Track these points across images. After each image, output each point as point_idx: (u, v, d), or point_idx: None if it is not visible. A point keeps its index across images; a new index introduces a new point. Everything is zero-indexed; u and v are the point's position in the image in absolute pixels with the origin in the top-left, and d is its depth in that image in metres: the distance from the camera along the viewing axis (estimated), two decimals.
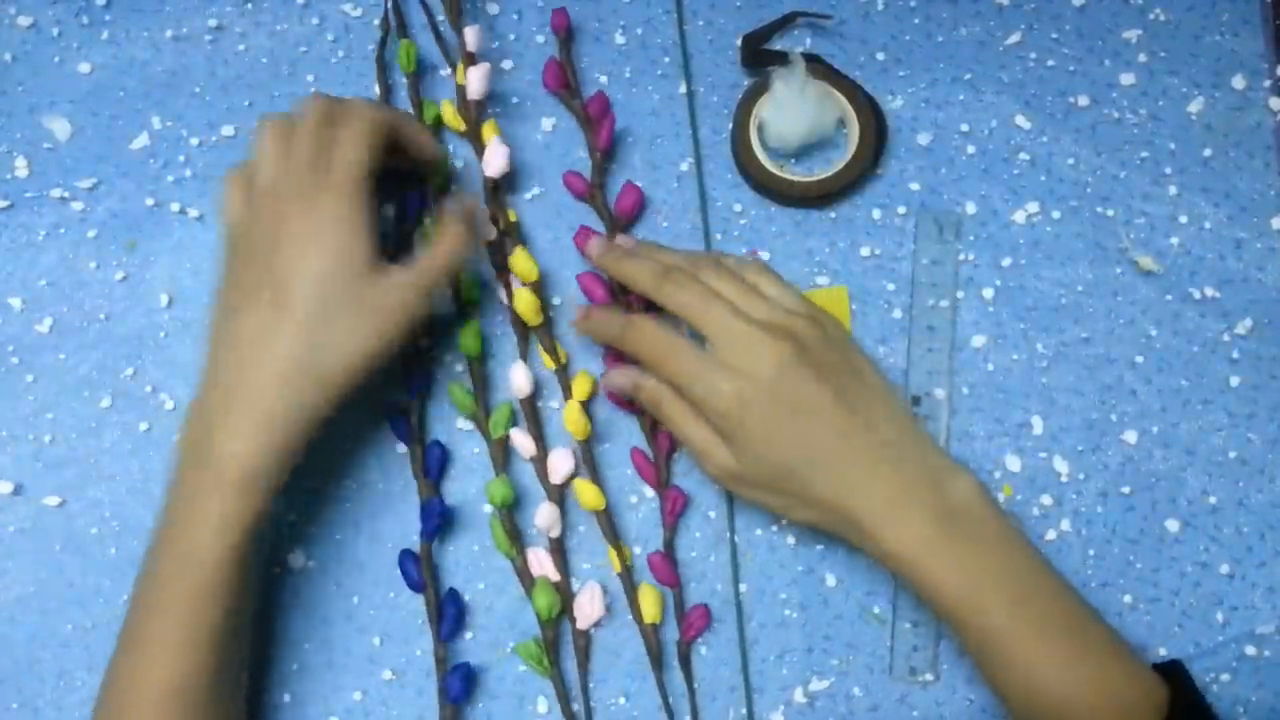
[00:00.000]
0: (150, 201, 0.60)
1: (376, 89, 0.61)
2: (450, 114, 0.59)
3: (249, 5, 0.62)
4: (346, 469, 0.58)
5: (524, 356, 0.58)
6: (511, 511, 0.56)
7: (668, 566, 0.56)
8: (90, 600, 0.57)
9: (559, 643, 0.56)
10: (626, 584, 0.56)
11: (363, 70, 0.61)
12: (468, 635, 0.57)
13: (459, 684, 0.54)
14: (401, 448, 0.58)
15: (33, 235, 0.60)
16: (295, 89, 0.61)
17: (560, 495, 0.57)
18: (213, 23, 0.62)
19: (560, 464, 0.56)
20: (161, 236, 0.60)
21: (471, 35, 0.58)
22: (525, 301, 0.56)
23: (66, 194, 0.60)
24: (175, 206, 0.60)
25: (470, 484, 0.58)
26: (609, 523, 0.56)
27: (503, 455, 0.57)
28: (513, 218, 0.58)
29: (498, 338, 0.59)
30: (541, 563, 0.55)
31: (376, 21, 0.62)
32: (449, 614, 0.55)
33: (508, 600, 0.57)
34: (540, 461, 0.57)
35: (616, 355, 0.57)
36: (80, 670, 0.56)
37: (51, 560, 0.57)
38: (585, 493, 0.56)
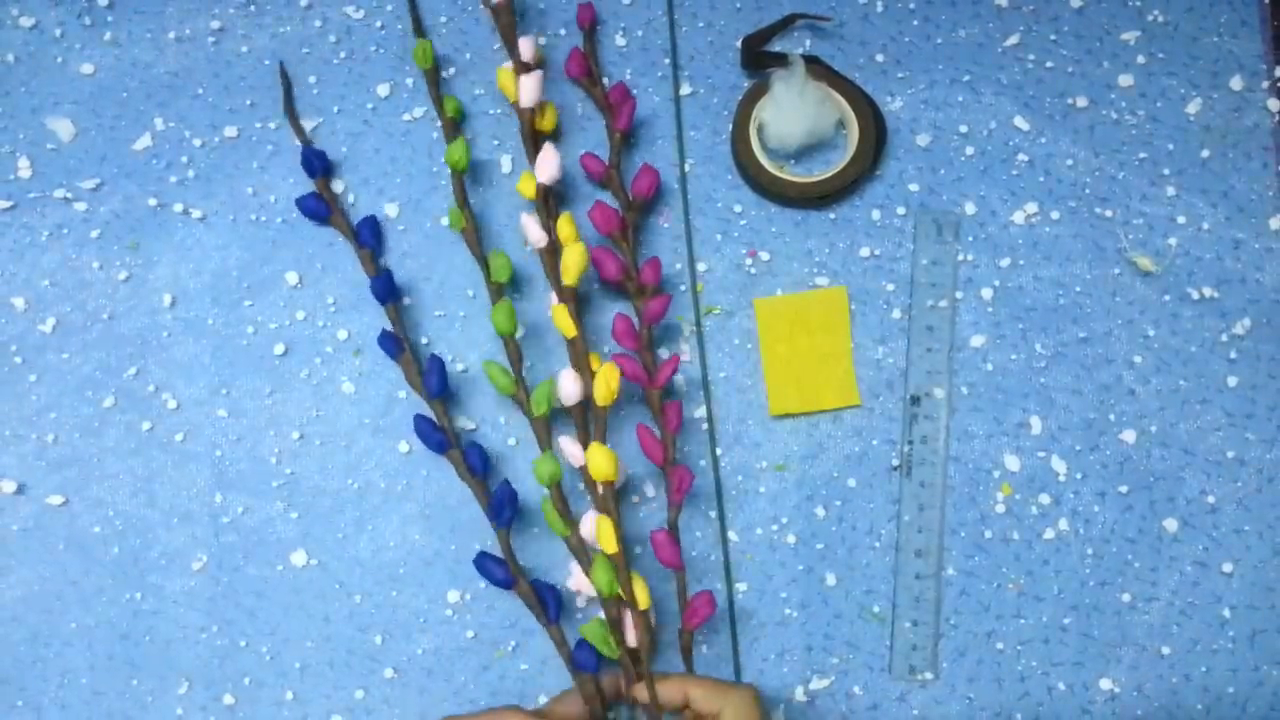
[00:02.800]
0: (153, 202, 0.60)
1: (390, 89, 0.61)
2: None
3: (251, 7, 0.63)
4: (346, 469, 0.58)
5: (574, 364, 0.56)
6: (561, 487, 0.54)
7: (672, 546, 0.52)
8: (93, 599, 0.57)
9: (621, 622, 0.53)
10: (620, 565, 0.52)
11: (364, 72, 0.62)
12: (469, 634, 0.57)
13: (588, 655, 0.52)
14: (403, 446, 0.58)
15: (36, 235, 0.60)
16: (297, 90, 0.62)
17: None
18: (215, 24, 0.62)
19: None
20: (164, 237, 0.60)
21: (526, 46, 0.59)
22: (574, 256, 0.55)
23: (69, 194, 0.60)
24: (178, 207, 0.60)
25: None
26: (614, 497, 0.53)
27: (546, 434, 0.55)
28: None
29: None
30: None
31: (380, 23, 0.62)
32: (549, 600, 0.53)
33: (508, 599, 0.57)
34: (589, 470, 0.54)
35: (625, 329, 0.56)
36: (83, 669, 0.56)
37: (54, 559, 0.57)
38: (597, 459, 0.52)
